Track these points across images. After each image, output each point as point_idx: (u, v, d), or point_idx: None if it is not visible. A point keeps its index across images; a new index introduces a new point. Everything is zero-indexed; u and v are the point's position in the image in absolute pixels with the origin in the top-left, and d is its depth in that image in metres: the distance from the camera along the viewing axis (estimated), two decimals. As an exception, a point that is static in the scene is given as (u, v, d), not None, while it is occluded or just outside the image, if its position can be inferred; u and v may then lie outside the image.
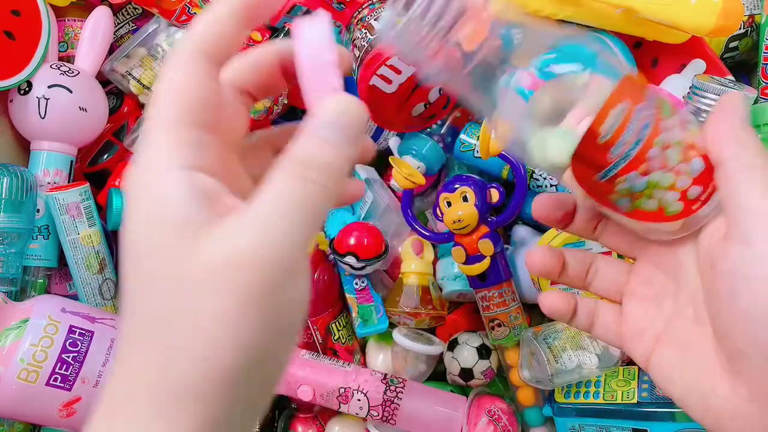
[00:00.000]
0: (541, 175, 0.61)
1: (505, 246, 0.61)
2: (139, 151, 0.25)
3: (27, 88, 0.63)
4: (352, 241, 0.60)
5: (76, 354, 0.54)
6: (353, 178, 0.29)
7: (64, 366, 0.54)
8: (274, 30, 0.61)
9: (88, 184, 0.63)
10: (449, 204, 0.57)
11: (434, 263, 0.64)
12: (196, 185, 0.24)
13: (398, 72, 0.55)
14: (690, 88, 0.52)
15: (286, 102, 0.62)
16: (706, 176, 0.30)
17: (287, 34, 0.59)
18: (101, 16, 0.65)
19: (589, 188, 0.32)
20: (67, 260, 0.63)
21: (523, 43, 0.31)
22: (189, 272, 0.23)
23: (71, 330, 0.55)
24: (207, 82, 0.26)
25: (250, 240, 0.23)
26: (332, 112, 0.25)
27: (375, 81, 0.56)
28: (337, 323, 0.63)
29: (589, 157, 0.30)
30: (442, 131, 0.64)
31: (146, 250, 0.24)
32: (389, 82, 0.56)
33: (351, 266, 0.60)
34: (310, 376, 0.60)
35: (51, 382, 0.53)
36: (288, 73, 0.29)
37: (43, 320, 0.54)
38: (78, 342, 0.55)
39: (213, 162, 0.26)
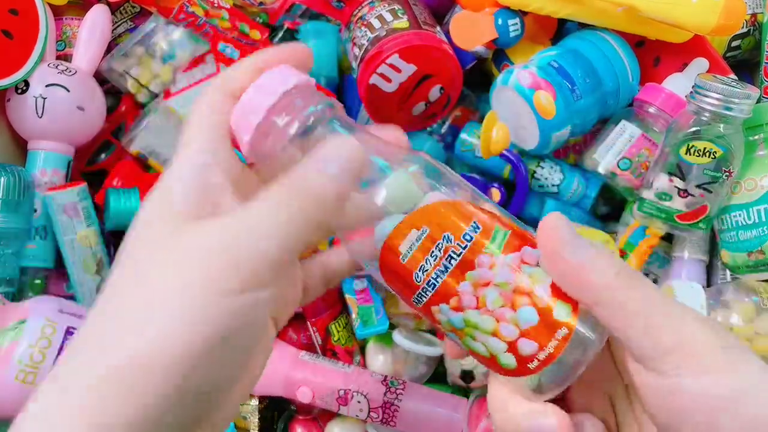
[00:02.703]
0: (542, 175, 0.61)
1: (506, 246, 0.61)
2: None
3: (24, 87, 0.62)
4: (351, 241, 0.59)
5: None
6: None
7: None
8: (273, 28, 0.60)
9: (85, 184, 0.62)
10: (450, 204, 0.57)
11: (434, 264, 0.64)
12: (204, 182, 0.27)
13: (398, 71, 0.55)
14: (692, 87, 0.52)
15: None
16: (542, 333, 0.26)
17: (286, 32, 0.59)
18: (99, 14, 0.65)
19: (417, 311, 0.29)
20: (64, 261, 0.62)
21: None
22: (166, 253, 0.25)
23: (69, 331, 0.54)
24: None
25: (221, 237, 0.25)
26: (333, 148, 0.27)
27: (375, 80, 0.55)
28: (336, 324, 0.63)
29: (397, 274, 0.28)
30: (443, 130, 0.64)
31: (139, 233, 0.27)
32: (389, 80, 0.55)
33: (351, 267, 0.60)
34: (309, 378, 0.60)
35: None
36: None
37: (40, 321, 0.54)
38: None
39: (234, 166, 0.29)
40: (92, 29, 0.64)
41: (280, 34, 0.59)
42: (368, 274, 0.63)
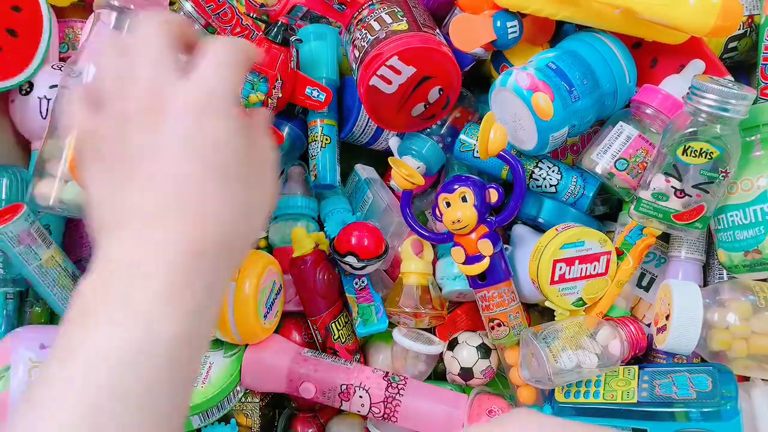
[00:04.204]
0: (540, 175, 0.61)
1: (505, 246, 0.61)
2: None
3: (28, 89, 0.63)
4: (352, 241, 0.60)
5: None
6: None
7: None
8: (268, 24, 0.61)
9: (24, 206, 0.57)
10: (448, 204, 0.57)
11: (434, 263, 0.64)
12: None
13: (398, 72, 0.55)
14: (689, 88, 0.52)
15: (280, 96, 0.61)
16: None
17: (280, 27, 0.59)
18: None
19: None
20: (37, 289, 0.60)
21: None
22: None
23: None
24: None
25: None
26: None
27: (375, 81, 0.56)
28: (337, 323, 0.63)
29: None
30: (442, 131, 0.64)
31: None
32: (389, 82, 0.56)
33: (351, 266, 0.60)
34: (312, 374, 0.60)
35: None
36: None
37: (24, 365, 0.52)
38: None
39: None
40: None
41: (274, 30, 0.59)
42: (368, 274, 0.63)
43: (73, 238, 0.66)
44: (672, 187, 0.53)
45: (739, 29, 0.61)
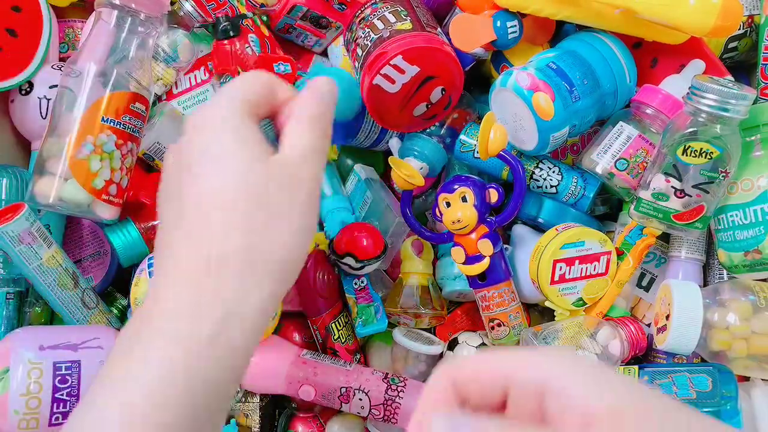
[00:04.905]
0: (540, 176, 0.61)
1: (505, 246, 0.61)
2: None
3: (28, 89, 0.63)
4: (350, 242, 0.60)
5: (69, 389, 0.52)
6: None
7: (62, 404, 0.51)
8: (215, 23, 0.61)
9: (26, 206, 0.57)
10: (448, 204, 0.57)
11: (434, 263, 0.64)
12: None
13: (402, 72, 0.55)
14: (689, 88, 0.52)
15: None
16: None
17: (228, 21, 0.60)
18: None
19: None
20: (36, 289, 0.59)
21: None
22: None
23: (56, 367, 0.52)
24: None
25: None
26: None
27: (378, 80, 0.56)
28: (337, 323, 0.63)
29: None
30: (442, 132, 0.64)
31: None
32: (393, 81, 0.56)
33: (350, 267, 0.60)
34: (311, 376, 0.60)
35: (53, 422, 0.51)
36: None
37: (24, 366, 0.51)
38: (67, 377, 0.52)
39: None
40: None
41: (219, 28, 0.60)
42: (367, 274, 0.63)
43: (73, 238, 0.66)
44: (672, 187, 0.54)
45: (739, 29, 0.61)
